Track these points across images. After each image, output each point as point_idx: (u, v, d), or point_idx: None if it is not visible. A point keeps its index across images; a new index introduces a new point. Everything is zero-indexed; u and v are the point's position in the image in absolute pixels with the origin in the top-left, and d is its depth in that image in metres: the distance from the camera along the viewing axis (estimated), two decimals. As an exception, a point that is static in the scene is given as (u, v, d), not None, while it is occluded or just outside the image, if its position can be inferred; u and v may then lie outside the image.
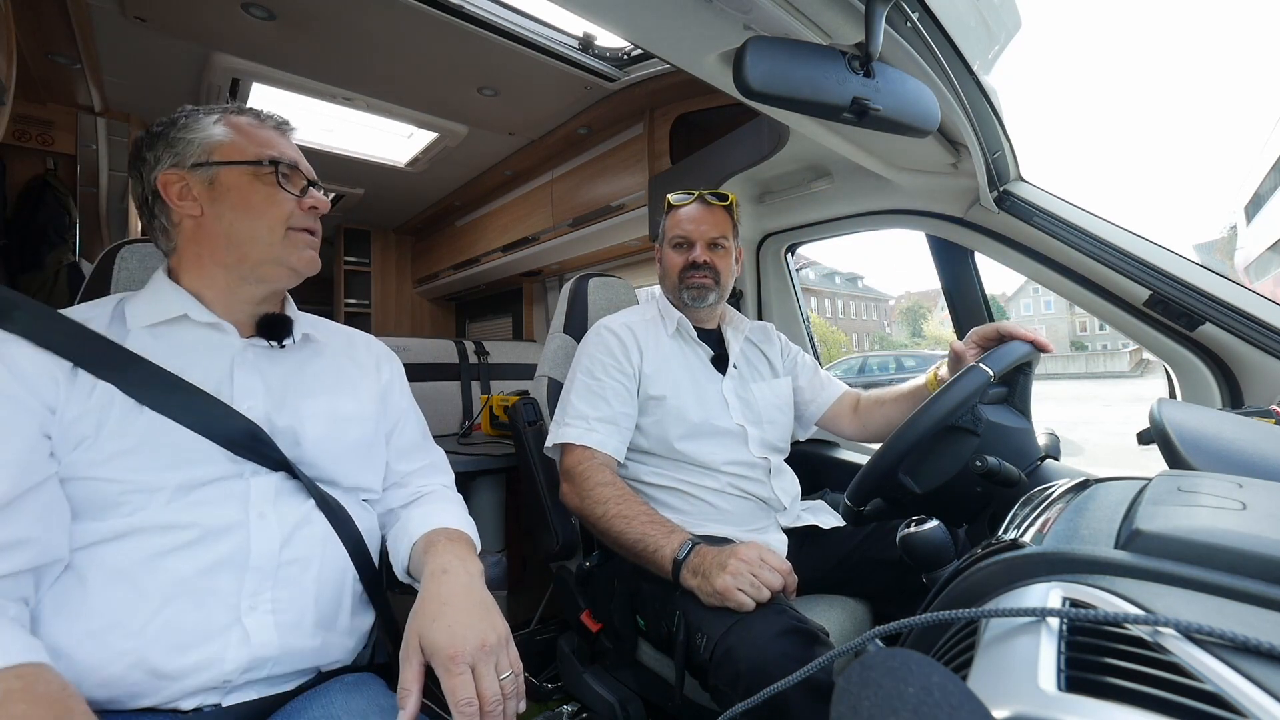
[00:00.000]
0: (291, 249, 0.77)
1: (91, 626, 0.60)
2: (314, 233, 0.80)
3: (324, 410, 0.79)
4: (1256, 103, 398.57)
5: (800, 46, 0.72)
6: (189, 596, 0.64)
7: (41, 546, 0.58)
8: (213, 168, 0.73)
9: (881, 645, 0.43)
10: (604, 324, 1.27)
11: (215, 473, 0.69)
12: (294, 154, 0.80)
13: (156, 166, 0.74)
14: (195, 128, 0.75)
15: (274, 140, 0.78)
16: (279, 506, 0.71)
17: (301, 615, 0.69)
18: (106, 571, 0.62)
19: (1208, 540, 0.35)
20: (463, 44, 1.75)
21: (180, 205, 0.73)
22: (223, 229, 0.74)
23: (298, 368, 0.81)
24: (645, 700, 1.11)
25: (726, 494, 1.16)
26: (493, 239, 3.15)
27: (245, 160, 0.75)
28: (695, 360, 1.27)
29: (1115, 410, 12.50)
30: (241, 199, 0.74)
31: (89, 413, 0.63)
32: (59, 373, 0.63)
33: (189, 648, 0.62)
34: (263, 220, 0.75)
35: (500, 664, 0.63)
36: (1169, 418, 0.57)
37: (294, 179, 0.78)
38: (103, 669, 0.60)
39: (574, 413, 1.15)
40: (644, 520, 0.99)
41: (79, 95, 2.12)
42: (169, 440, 0.66)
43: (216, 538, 0.66)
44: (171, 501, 0.65)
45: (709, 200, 1.29)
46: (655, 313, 1.31)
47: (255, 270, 0.76)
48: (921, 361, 13.42)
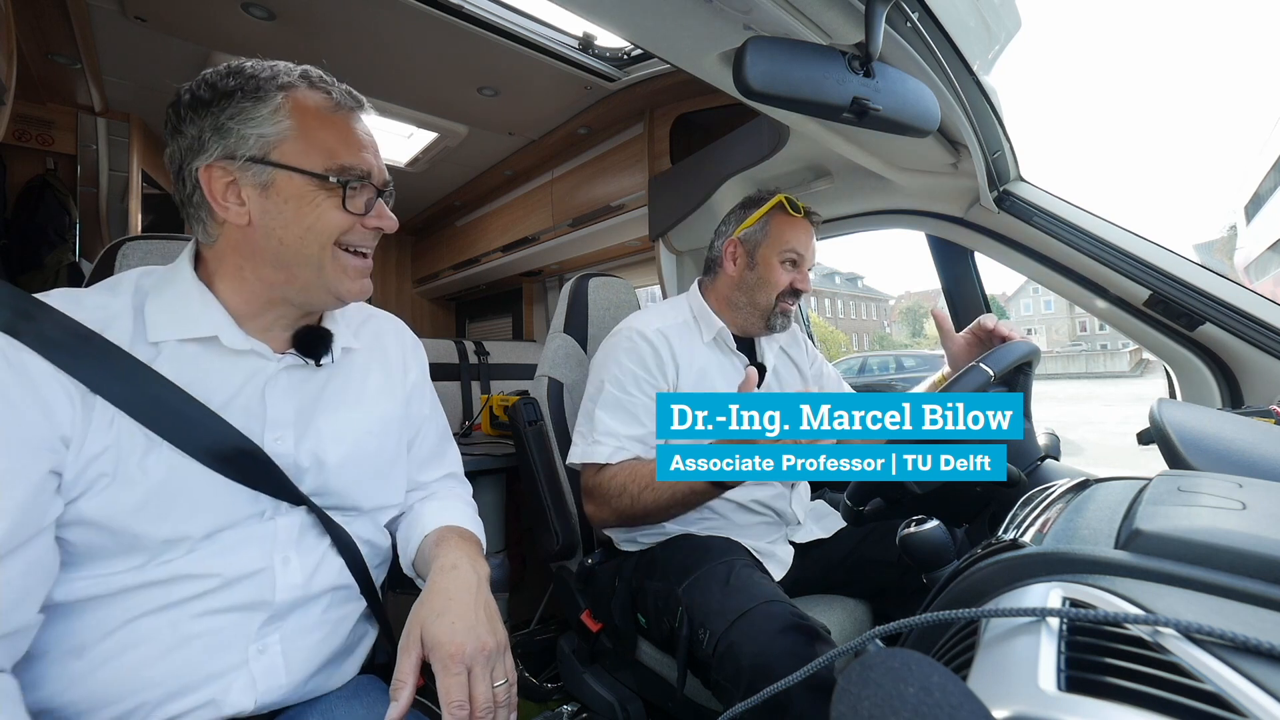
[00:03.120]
0: (341, 275, 0.67)
1: (95, 665, 0.58)
2: (369, 253, 0.71)
3: (350, 428, 0.74)
4: (1256, 103, 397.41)
5: (800, 46, 0.72)
6: (199, 641, 0.61)
7: (10, 616, 0.51)
8: (270, 169, 0.62)
9: (881, 645, 0.43)
10: (635, 329, 1.16)
11: (238, 515, 0.64)
12: (369, 157, 0.68)
13: (201, 154, 0.62)
14: (254, 115, 0.62)
15: (347, 136, 0.67)
16: (301, 548, 0.68)
17: (311, 652, 0.68)
18: (117, 615, 0.59)
19: (1208, 540, 0.35)
20: (463, 44, 1.74)
21: (225, 207, 0.63)
22: (272, 246, 0.64)
23: (329, 380, 0.74)
24: (645, 700, 1.11)
25: (744, 509, 1.15)
26: (493, 239, 3.15)
27: (311, 171, 0.63)
28: (733, 372, 1.21)
29: (1115, 410, 12.50)
30: (297, 214, 0.63)
31: (108, 450, 0.57)
32: (76, 395, 0.57)
33: (191, 690, 0.60)
34: (313, 237, 0.65)
35: (496, 671, 0.62)
36: (1169, 418, 0.57)
37: (362, 193, 0.67)
38: (99, 711, 0.58)
39: (604, 429, 1.08)
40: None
41: (79, 95, 2.12)
42: (191, 484, 0.61)
43: (236, 586, 0.63)
44: (192, 551, 0.61)
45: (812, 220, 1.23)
46: (689, 316, 1.23)
47: (301, 294, 0.68)
48: (921, 361, 13.40)
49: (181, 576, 0.61)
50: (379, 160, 0.70)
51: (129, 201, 2.29)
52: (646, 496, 0.98)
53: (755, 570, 0.97)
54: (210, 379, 0.64)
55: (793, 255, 1.19)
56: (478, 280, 3.62)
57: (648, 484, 0.99)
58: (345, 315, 0.79)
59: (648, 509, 0.99)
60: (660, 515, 1.02)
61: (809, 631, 0.81)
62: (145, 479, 0.59)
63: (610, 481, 1.05)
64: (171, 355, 0.63)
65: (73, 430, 0.56)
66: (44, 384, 0.55)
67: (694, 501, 0.98)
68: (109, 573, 0.59)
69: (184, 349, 0.64)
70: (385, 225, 0.70)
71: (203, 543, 0.62)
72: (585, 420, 1.13)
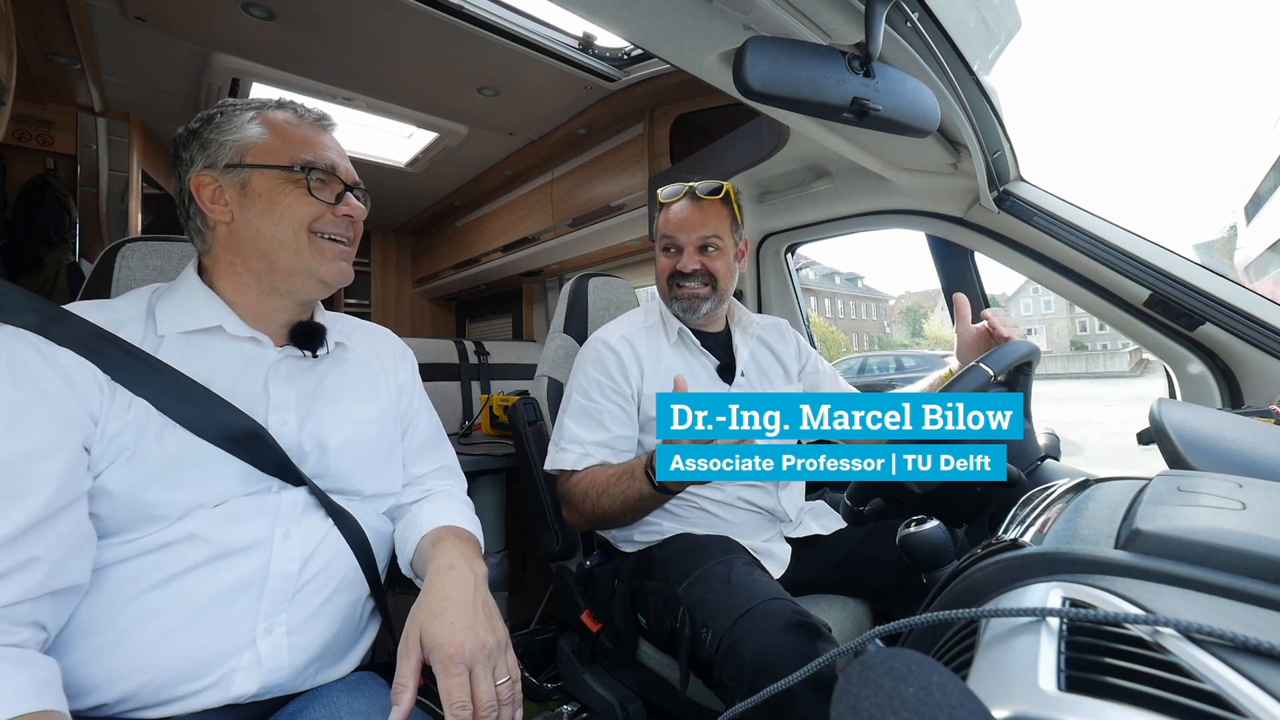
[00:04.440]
0: (320, 259, 0.74)
1: (109, 641, 0.60)
2: (346, 241, 0.78)
3: (348, 416, 0.79)
4: (1256, 103, 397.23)
5: (800, 46, 0.72)
6: (208, 617, 0.64)
7: (57, 570, 0.57)
8: (245, 170, 0.71)
9: (881, 645, 0.43)
10: (600, 338, 1.19)
11: (244, 489, 0.69)
12: (333, 155, 0.76)
13: (191, 167, 0.72)
14: (229, 127, 0.72)
15: (312, 140, 0.75)
16: (303, 525, 0.71)
17: (315, 637, 0.69)
18: (129, 588, 0.62)
19: (1208, 540, 0.35)
20: (463, 44, 1.75)
21: (213, 210, 0.72)
22: (251, 236, 0.72)
23: (326, 374, 0.80)
24: (645, 700, 1.11)
25: (733, 507, 1.15)
26: (493, 239, 3.15)
27: (278, 164, 0.72)
28: (701, 372, 1.21)
29: (1115, 410, 12.51)
30: (269, 205, 0.72)
31: (128, 427, 0.63)
32: (102, 381, 0.63)
33: (202, 671, 0.63)
34: (286, 223, 0.72)
35: (498, 669, 0.62)
36: (1169, 417, 0.57)
37: (330, 184, 0.75)
38: (114, 684, 0.60)
39: (570, 436, 1.11)
40: (613, 481, 1.00)
41: (79, 95, 2.12)
42: (201, 458, 0.66)
43: (240, 556, 0.66)
44: (200, 519, 0.65)
45: (699, 195, 1.16)
46: (657, 318, 1.23)
47: (285, 281, 0.74)
48: (921, 361, 13.41)
49: (189, 541, 0.64)
50: (346, 162, 0.78)
51: (129, 201, 2.30)
52: (604, 502, 1.01)
53: (755, 568, 0.97)
54: (216, 366, 0.71)
55: (665, 242, 1.19)
56: (478, 280, 3.63)
57: (604, 490, 1.01)
58: (337, 323, 0.87)
59: (606, 514, 1.02)
60: (620, 519, 1.03)
61: (811, 629, 0.81)
62: (160, 452, 0.64)
63: (575, 487, 1.07)
64: (181, 346, 0.70)
65: (100, 411, 0.62)
66: (74, 371, 0.62)
67: (646, 506, 0.99)
68: (121, 541, 0.63)
69: (191, 340, 0.71)
70: (354, 213, 0.77)
71: (210, 511, 0.66)
72: (557, 428, 1.16)
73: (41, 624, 0.56)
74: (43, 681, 0.53)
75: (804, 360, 1.35)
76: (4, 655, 0.52)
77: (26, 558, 0.54)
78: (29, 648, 0.54)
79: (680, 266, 1.16)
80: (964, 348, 1.14)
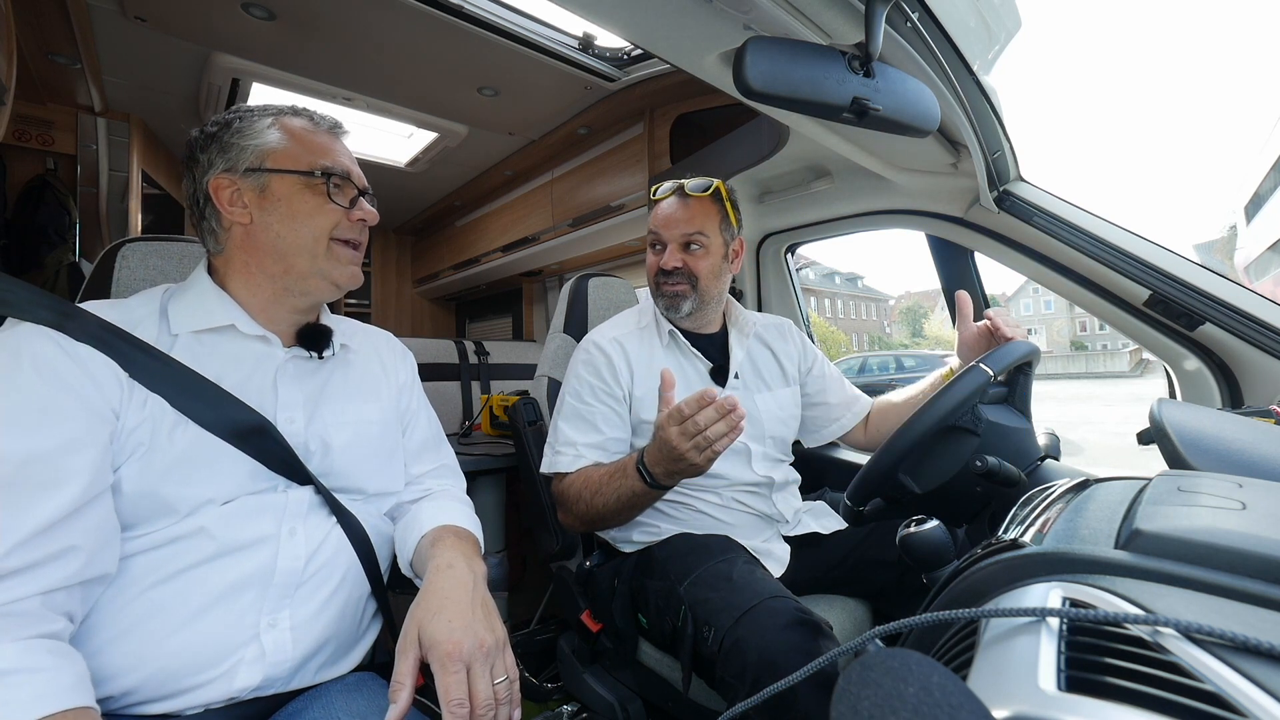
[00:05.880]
0: (334, 263, 0.77)
1: (116, 635, 0.61)
2: (358, 246, 0.81)
3: (352, 417, 0.81)
4: (1257, 103, 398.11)
5: (800, 46, 0.72)
6: (214, 612, 0.64)
7: (93, 559, 0.58)
8: (265, 175, 0.73)
9: (881, 645, 0.43)
10: (592, 339, 1.19)
11: (252, 486, 0.70)
12: (347, 162, 0.79)
13: (210, 170, 0.74)
14: (250, 132, 0.74)
15: (328, 147, 0.78)
16: (308, 523, 0.73)
17: (318, 633, 0.70)
18: (137, 583, 0.63)
19: (1208, 540, 0.35)
20: (463, 44, 1.75)
21: (231, 211, 0.73)
22: (270, 239, 0.74)
23: (331, 375, 0.82)
24: (645, 700, 1.11)
25: (730, 508, 1.15)
26: (493, 239, 3.15)
27: (298, 170, 0.74)
28: (693, 374, 1.20)
29: (1115, 410, 12.51)
30: (289, 209, 0.74)
31: (144, 422, 0.65)
32: (121, 377, 0.64)
33: (207, 665, 0.63)
34: (307, 229, 0.74)
35: (496, 668, 0.62)
36: (1169, 417, 0.57)
37: (345, 190, 0.78)
38: (120, 678, 0.61)
39: (564, 439, 1.12)
40: (606, 480, 1.01)
41: (79, 95, 2.12)
42: (211, 455, 0.67)
43: (246, 552, 0.67)
44: (208, 513, 0.66)
45: (687, 191, 1.15)
46: (651, 319, 1.22)
47: (299, 282, 0.76)
48: (921, 361, 13.40)
49: (197, 534, 0.65)
50: (357, 168, 0.81)
51: (129, 201, 2.29)
52: (597, 501, 1.02)
53: (756, 567, 0.97)
54: (226, 364, 0.72)
55: (651, 238, 1.19)
56: (478, 280, 3.63)
57: (597, 489, 1.02)
58: (340, 326, 0.89)
59: (600, 512, 1.02)
60: (614, 518, 1.04)
61: (814, 627, 0.81)
62: (173, 447, 0.66)
63: (569, 489, 1.08)
64: (192, 344, 0.71)
65: (120, 405, 0.64)
66: (94, 366, 0.63)
67: (639, 503, 1.00)
68: (131, 536, 0.64)
69: (202, 339, 0.72)
70: (368, 217, 0.80)
71: (219, 507, 0.67)
72: (551, 431, 1.16)
73: (71, 615, 0.57)
74: (81, 676, 0.54)
75: (808, 363, 1.34)
76: (46, 647, 0.53)
77: (65, 545, 0.56)
78: (62, 639, 0.56)
79: (663, 263, 1.16)
80: (965, 347, 1.14)
